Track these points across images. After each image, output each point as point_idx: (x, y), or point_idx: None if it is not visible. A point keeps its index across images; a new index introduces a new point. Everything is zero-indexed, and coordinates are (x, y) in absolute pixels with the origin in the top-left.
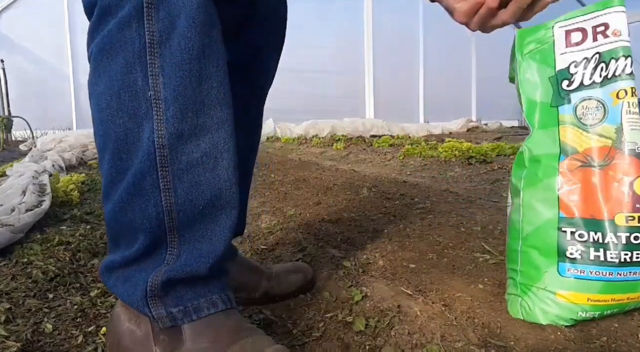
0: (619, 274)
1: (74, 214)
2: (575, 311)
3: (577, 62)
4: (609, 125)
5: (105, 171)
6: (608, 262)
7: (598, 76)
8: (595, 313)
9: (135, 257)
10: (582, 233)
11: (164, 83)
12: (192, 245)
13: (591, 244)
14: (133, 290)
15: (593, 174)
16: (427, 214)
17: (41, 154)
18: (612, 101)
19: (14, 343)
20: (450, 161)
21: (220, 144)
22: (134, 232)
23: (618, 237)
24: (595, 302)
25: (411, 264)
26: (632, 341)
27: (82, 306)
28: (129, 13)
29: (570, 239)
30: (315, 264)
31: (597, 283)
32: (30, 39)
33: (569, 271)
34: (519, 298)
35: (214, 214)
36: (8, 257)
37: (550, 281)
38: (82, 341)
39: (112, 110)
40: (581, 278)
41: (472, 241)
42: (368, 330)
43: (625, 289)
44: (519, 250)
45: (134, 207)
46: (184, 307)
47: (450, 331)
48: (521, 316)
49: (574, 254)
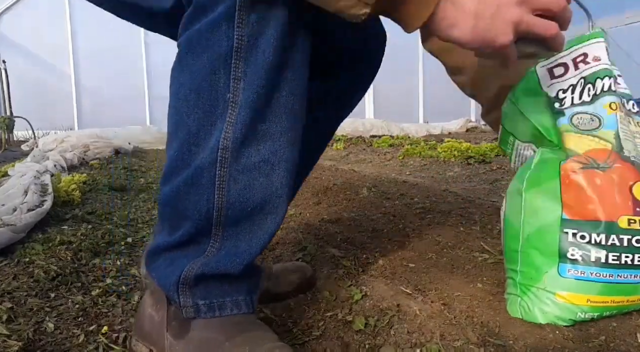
0: (619, 277)
1: (75, 213)
2: (574, 311)
3: (564, 89)
4: (607, 130)
5: (170, 156)
6: (609, 264)
7: (587, 96)
8: (594, 314)
9: (179, 243)
10: (584, 235)
11: (243, 88)
12: (232, 243)
13: (593, 245)
14: (171, 274)
15: (596, 176)
16: (427, 214)
17: (43, 154)
18: (606, 112)
19: (16, 342)
20: (450, 161)
21: (279, 152)
22: (183, 219)
23: (620, 240)
24: (595, 304)
25: (410, 263)
26: (630, 340)
27: (83, 305)
28: (220, 15)
29: (572, 240)
30: (315, 263)
31: (597, 285)
32: (32, 39)
33: (569, 271)
34: (519, 298)
35: (260, 218)
36: (10, 256)
37: (550, 281)
38: (83, 340)
39: (189, 104)
40: (581, 279)
41: (471, 241)
42: (368, 329)
43: (626, 292)
44: (519, 250)
45: (189, 197)
46: (210, 302)
47: (450, 330)
48: (520, 315)
49: (575, 255)
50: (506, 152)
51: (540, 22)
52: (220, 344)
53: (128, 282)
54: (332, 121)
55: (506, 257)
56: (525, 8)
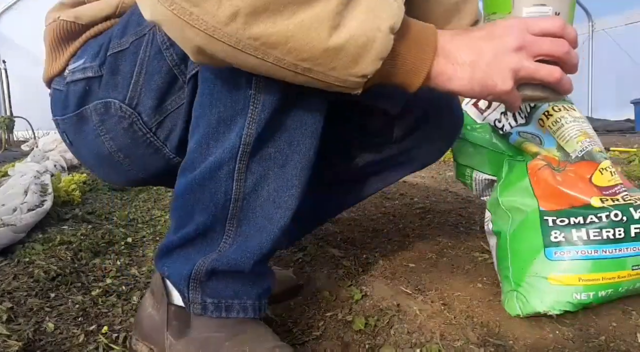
0: (604, 252)
1: (75, 213)
2: (569, 292)
3: (498, 118)
4: (549, 147)
5: (190, 147)
6: (592, 240)
7: (520, 118)
8: (589, 294)
9: (193, 237)
10: (564, 219)
11: (265, 84)
12: (244, 238)
13: (573, 226)
14: (183, 268)
15: (557, 174)
16: (427, 214)
17: (43, 154)
18: (542, 130)
19: (16, 342)
20: (450, 161)
21: (294, 143)
22: (199, 212)
23: (599, 217)
24: (587, 282)
25: (410, 263)
26: (630, 340)
27: (83, 305)
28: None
29: (552, 224)
30: (315, 263)
31: (585, 262)
32: (32, 39)
33: (555, 254)
34: (514, 292)
35: (271, 210)
36: (10, 256)
37: (540, 267)
38: (83, 340)
39: (212, 96)
40: (570, 259)
41: (471, 241)
42: (368, 329)
43: (614, 267)
44: (508, 247)
45: (205, 190)
46: (218, 301)
47: (450, 330)
48: (519, 311)
49: (559, 237)
50: (466, 183)
51: (542, 68)
52: (220, 343)
53: (128, 282)
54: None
55: (498, 261)
56: (524, 54)
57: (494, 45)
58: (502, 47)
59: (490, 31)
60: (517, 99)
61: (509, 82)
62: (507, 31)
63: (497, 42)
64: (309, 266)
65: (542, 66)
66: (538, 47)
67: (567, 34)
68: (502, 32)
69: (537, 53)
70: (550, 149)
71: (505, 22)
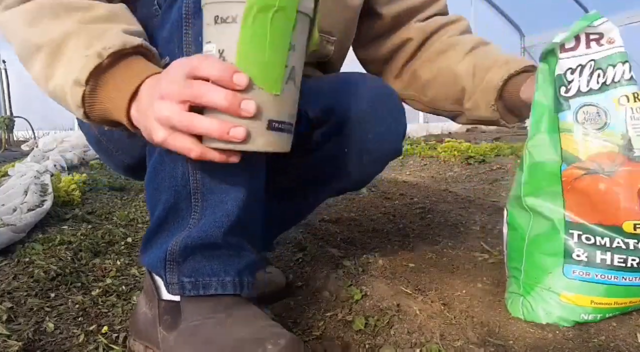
0: (624, 279)
1: (75, 213)
2: (577, 312)
3: (572, 68)
4: (613, 131)
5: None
6: (615, 266)
7: (595, 83)
8: (597, 315)
9: (163, 218)
10: (589, 237)
11: None
12: (211, 210)
13: (598, 247)
14: (159, 252)
15: (600, 180)
16: (427, 214)
17: (43, 154)
18: (614, 107)
19: (16, 342)
20: (450, 161)
21: None
22: (164, 192)
23: (626, 244)
24: (599, 305)
25: (410, 263)
26: (630, 340)
27: (83, 305)
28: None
29: (577, 241)
30: (315, 263)
31: (602, 286)
32: None
33: (574, 273)
34: (521, 297)
35: (232, 177)
36: (10, 256)
37: (554, 282)
38: (83, 340)
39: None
40: (586, 281)
41: (471, 241)
42: (368, 329)
43: (629, 294)
44: (524, 249)
45: (165, 168)
46: (196, 280)
47: (450, 330)
48: (522, 315)
49: (581, 256)
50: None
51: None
52: (210, 329)
53: (128, 282)
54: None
55: (509, 256)
56: (169, 102)
57: (152, 90)
58: (154, 94)
59: (164, 72)
60: (192, 151)
61: (160, 132)
62: (163, 75)
63: (155, 88)
64: (309, 266)
65: (194, 117)
66: (182, 92)
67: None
68: (162, 76)
69: (184, 99)
70: (613, 133)
71: (173, 63)
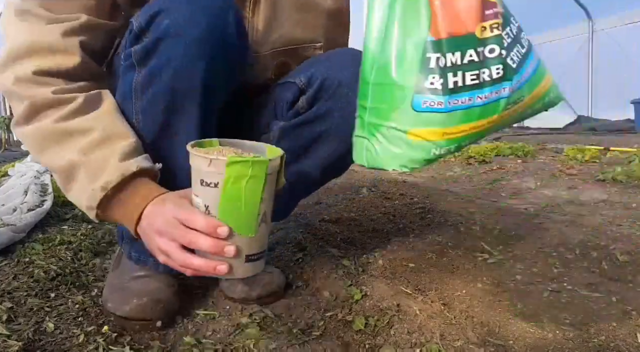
0: (479, 98)
1: (75, 213)
2: (428, 149)
3: None
4: None
5: None
6: (468, 86)
7: None
8: (450, 147)
9: None
10: (440, 57)
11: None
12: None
13: (449, 69)
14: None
15: None
16: (427, 214)
17: None
18: None
19: (16, 342)
20: (450, 161)
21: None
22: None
23: (478, 53)
24: (452, 135)
25: (410, 263)
26: (630, 340)
27: (83, 305)
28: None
29: (433, 66)
30: (315, 263)
31: (457, 113)
32: None
33: (424, 104)
34: (365, 140)
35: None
36: (10, 256)
37: (401, 118)
38: (83, 340)
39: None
40: (438, 111)
41: (471, 241)
42: (368, 329)
43: (485, 113)
44: (371, 82)
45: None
46: (139, 256)
47: (450, 330)
48: (365, 161)
49: (435, 83)
50: None
51: (186, 258)
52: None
53: None
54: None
55: (359, 92)
56: (167, 239)
57: (152, 221)
58: (153, 226)
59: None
60: (186, 271)
61: (161, 258)
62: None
63: (154, 222)
64: (309, 266)
65: (187, 256)
66: (175, 233)
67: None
68: (158, 212)
69: (179, 241)
70: None
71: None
